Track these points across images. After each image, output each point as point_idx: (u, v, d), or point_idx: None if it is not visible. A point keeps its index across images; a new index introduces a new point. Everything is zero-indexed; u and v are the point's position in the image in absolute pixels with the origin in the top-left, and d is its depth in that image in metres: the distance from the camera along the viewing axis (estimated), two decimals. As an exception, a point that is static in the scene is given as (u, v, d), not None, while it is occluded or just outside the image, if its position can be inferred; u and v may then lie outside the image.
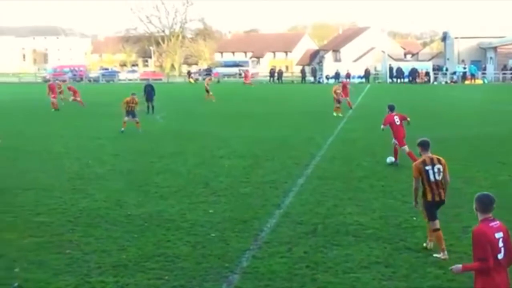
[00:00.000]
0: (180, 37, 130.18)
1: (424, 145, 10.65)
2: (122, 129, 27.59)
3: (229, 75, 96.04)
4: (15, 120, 34.61)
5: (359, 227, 12.38)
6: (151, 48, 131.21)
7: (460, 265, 6.78)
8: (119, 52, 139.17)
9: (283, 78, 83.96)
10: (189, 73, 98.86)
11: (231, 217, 13.26)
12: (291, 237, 11.71)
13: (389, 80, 76.05)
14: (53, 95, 40.67)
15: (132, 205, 14.37)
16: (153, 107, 37.26)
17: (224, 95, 54.96)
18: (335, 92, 35.28)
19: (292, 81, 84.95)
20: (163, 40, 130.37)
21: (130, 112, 27.91)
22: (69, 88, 45.44)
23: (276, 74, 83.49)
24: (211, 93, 48.15)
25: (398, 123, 18.80)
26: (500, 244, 6.43)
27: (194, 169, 19.07)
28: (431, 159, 10.45)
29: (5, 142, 23.09)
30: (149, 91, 37.75)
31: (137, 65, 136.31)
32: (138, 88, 39.96)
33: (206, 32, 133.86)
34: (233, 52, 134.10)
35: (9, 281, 9.61)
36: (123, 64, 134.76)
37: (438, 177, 10.33)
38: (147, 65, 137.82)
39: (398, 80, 75.40)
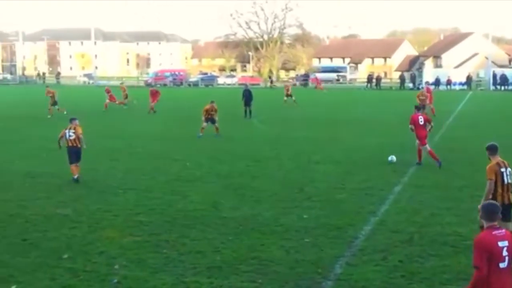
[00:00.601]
0: (279, 43, 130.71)
1: (493, 149, 10.87)
2: (200, 134, 27.74)
3: (326, 81, 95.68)
4: (118, 121, 35.79)
5: (458, 237, 12.02)
6: (249, 53, 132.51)
7: None
8: (218, 57, 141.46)
9: (381, 84, 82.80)
10: (270, 78, 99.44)
11: (326, 223, 13.18)
12: (386, 245, 11.52)
13: (492, 87, 73.50)
14: (111, 98, 44.36)
15: (228, 208, 14.55)
16: (250, 111, 37.54)
17: (320, 101, 54.85)
18: (418, 98, 35.13)
19: (391, 87, 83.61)
20: (261, 46, 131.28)
21: (210, 119, 28.15)
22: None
23: (374, 80, 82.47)
24: (293, 98, 47.92)
25: (421, 123, 19.89)
26: (504, 253, 6.35)
27: (290, 174, 19.10)
28: (503, 162, 10.67)
29: (108, 142, 23.96)
30: (247, 96, 38.11)
31: (235, 70, 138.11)
32: (236, 93, 40.47)
33: (305, 38, 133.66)
34: (331, 58, 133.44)
35: (109, 277, 9.95)
36: (222, 69, 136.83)
37: (510, 180, 10.55)
38: (245, 70, 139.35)
39: (502, 87, 72.74)
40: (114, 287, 9.58)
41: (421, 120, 19.94)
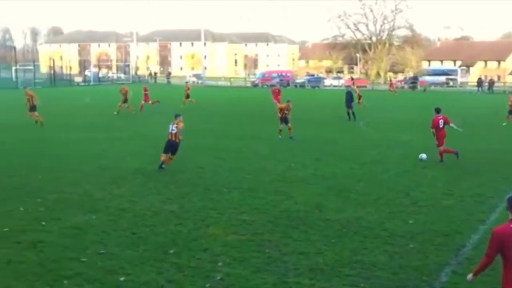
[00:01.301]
0: (387, 45, 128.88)
1: None
2: (280, 137, 27.51)
3: (436, 84, 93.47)
4: (223, 121, 36.37)
5: None
6: (357, 55, 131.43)
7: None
8: (325, 58, 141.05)
9: (494, 88, 79.87)
10: (352, 79, 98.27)
11: (432, 229, 12.86)
12: (495, 255, 11.08)
13: None
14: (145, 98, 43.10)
15: (331, 210, 14.48)
16: (353, 113, 37.26)
17: (427, 104, 53.58)
18: (510, 100, 34.34)
19: (504, 91, 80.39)
20: (369, 47, 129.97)
21: (284, 119, 27.81)
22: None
23: (486, 84, 79.66)
24: (361, 101, 46.89)
25: (441, 125, 21.52)
26: None
27: (395, 178, 18.78)
28: None
29: (215, 141, 24.39)
30: (348, 97, 37.94)
31: (342, 71, 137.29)
32: (341, 95, 40.19)
33: (414, 40, 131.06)
34: (441, 61, 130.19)
35: (213, 274, 10.12)
36: (329, 71, 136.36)
37: None
38: (352, 72, 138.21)
39: None
40: (217, 284, 9.74)
41: (441, 123, 21.52)
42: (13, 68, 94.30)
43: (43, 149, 24.24)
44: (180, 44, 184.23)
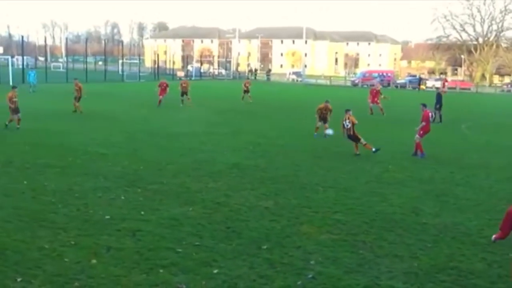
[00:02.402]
0: (494, 46, 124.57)
1: None
2: (315, 134, 27.52)
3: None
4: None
5: None
6: (462, 56, 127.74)
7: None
8: (428, 59, 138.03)
9: None
10: (420, 79, 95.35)
11: (534, 239, 12.34)
12: None
13: None
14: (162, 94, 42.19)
15: (428, 214, 14.17)
16: (440, 116, 36.49)
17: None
18: None
19: None
20: (475, 49, 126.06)
21: (323, 118, 28.02)
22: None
23: None
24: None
25: (431, 119, 23.50)
26: None
27: (497, 184, 18.14)
28: None
29: (311, 141, 24.35)
30: (437, 99, 37.37)
31: (445, 73, 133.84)
32: (430, 97, 39.19)
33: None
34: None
35: (305, 272, 10.12)
36: (431, 72, 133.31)
37: None
38: (456, 74, 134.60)
39: None
40: (309, 282, 9.73)
41: (431, 116, 23.42)
42: (120, 61, 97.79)
43: (146, 141, 24.96)
44: (282, 41, 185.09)
